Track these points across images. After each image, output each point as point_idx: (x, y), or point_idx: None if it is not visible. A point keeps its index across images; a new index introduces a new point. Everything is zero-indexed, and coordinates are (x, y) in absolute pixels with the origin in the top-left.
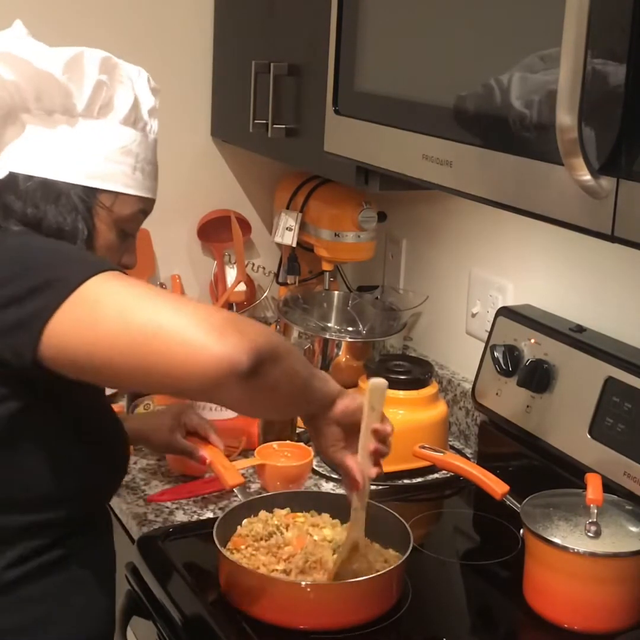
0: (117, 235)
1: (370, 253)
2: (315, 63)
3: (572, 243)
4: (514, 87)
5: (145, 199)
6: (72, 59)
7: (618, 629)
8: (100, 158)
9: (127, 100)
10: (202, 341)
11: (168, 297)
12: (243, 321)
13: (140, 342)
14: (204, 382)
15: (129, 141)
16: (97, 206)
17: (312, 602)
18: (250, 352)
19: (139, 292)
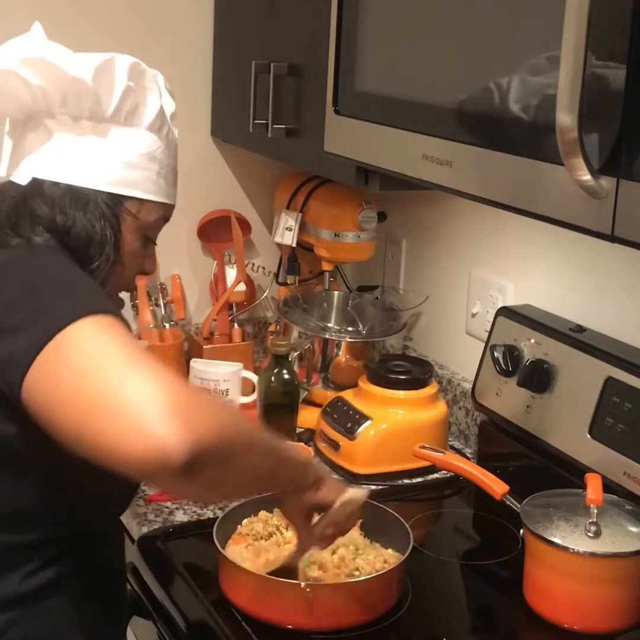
0: (141, 242)
1: (370, 253)
2: (315, 63)
3: (572, 243)
4: (514, 87)
5: (167, 205)
6: (103, 64)
7: (618, 629)
8: (127, 165)
9: (154, 107)
10: (145, 425)
11: (135, 363)
12: (207, 408)
13: (85, 409)
14: (135, 470)
15: (154, 147)
16: (123, 213)
17: (312, 603)
18: (190, 448)
19: (110, 352)
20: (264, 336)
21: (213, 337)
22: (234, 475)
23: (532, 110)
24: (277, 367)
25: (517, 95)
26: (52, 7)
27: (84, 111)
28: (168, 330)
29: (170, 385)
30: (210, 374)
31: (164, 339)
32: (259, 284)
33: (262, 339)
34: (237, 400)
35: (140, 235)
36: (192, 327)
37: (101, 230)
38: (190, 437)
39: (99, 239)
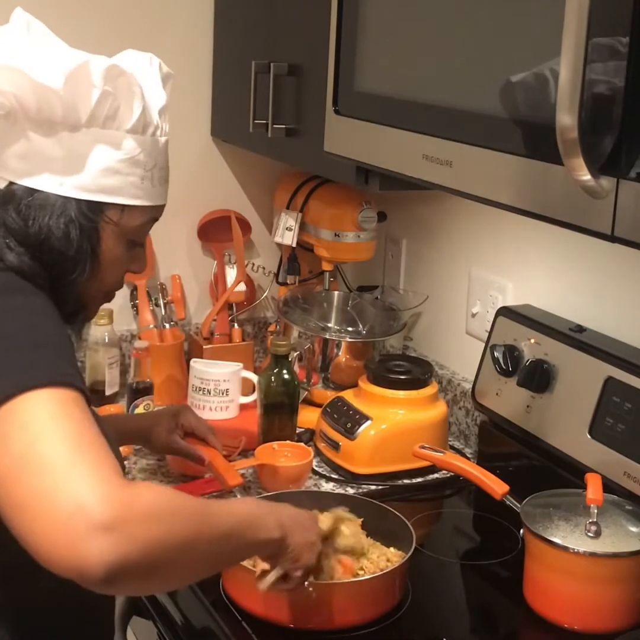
0: (125, 247)
1: (370, 253)
2: (315, 63)
3: (572, 243)
4: (514, 87)
5: (155, 206)
6: (75, 70)
7: (618, 629)
8: (107, 171)
9: (135, 109)
10: (68, 539)
11: (79, 460)
12: (143, 519)
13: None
14: (58, 573)
15: (136, 151)
16: (103, 222)
17: (314, 602)
18: (108, 569)
19: (55, 441)
20: (264, 336)
21: (213, 337)
22: (165, 577)
23: (532, 110)
24: (277, 367)
25: (517, 95)
26: (51, 6)
27: (58, 118)
28: (168, 330)
29: (108, 492)
30: (210, 374)
31: (164, 339)
32: (259, 284)
33: (262, 339)
34: (237, 400)
35: (124, 241)
36: (192, 327)
37: (77, 242)
38: (111, 557)
39: (73, 252)
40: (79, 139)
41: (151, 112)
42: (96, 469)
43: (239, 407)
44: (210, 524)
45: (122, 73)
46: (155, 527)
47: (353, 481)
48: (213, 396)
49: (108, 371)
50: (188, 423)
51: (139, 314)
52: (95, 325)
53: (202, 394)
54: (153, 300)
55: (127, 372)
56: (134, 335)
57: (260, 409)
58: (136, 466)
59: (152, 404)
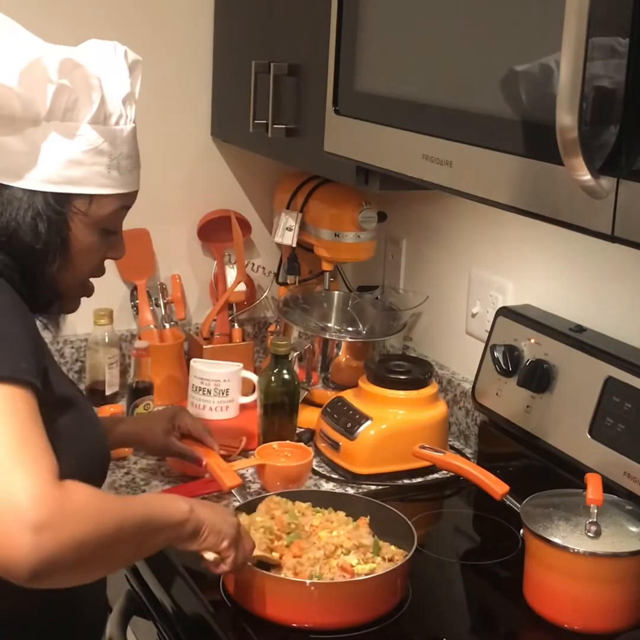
0: (98, 236)
1: (370, 253)
2: (315, 63)
3: (572, 243)
4: (514, 87)
5: (125, 194)
6: (29, 66)
7: (618, 629)
8: (71, 162)
9: (94, 101)
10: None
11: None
12: (75, 519)
13: None
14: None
15: (99, 141)
16: (71, 212)
17: (315, 601)
18: (34, 566)
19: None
20: (264, 336)
21: (213, 337)
22: (92, 570)
23: (532, 110)
24: (277, 367)
25: (517, 95)
26: (51, 5)
27: (18, 114)
28: (168, 330)
29: (41, 491)
30: (210, 374)
31: (164, 339)
32: (259, 284)
33: (262, 339)
34: (237, 400)
35: (96, 230)
36: (192, 327)
37: (45, 234)
38: (40, 555)
39: (42, 244)
40: (40, 133)
41: (113, 102)
42: (31, 468)
43: (239, 407)
44: (129, 517)
45: (77, 66)
46: (84, 525)
47: (353, 481)
48: (213, 396)
49: (108, 371)
50: (184, 424)
51: (139, 314)
52: (95, 325)
53: (202, 394)
54: (153, 300)
55: (127, 372)
56: (134, 335)
57: (260, 409)
58: (136, 466)
59: (152, 404)
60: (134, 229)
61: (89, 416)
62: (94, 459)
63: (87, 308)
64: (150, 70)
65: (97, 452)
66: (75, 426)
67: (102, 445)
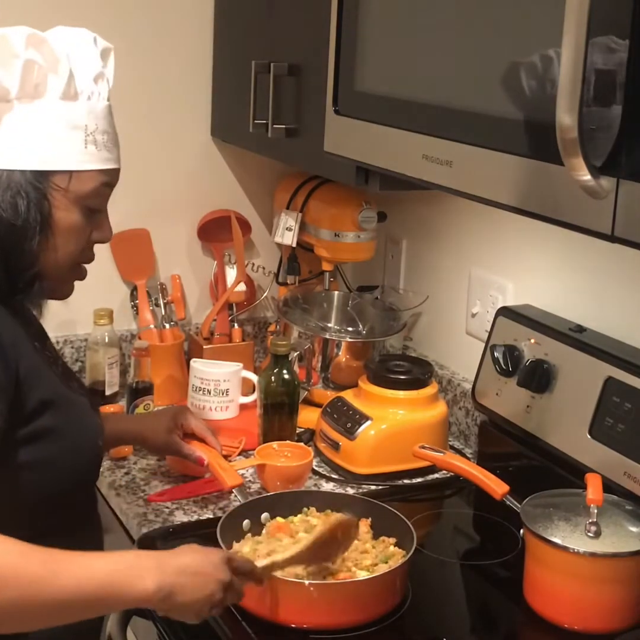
0: (82, 214)
1: (370, 253)
2: (315, 63)
3: (572, 243)
4: (514, 87)
5: (106, 170)
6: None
7: (618, 629)
8: (45, 139)
9: (62, 75)
10: None
11: None
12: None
13: None
14: None
15: (73, 115)
16: (51, 190)
17: (314, 602)
18: None
19: None
20: (264, 336)
21: (213, 337)
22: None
23: (532, 110)
24: (277, 367)
25: (517, 95)
26: (51, 5)
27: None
28: (168, 330)
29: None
30: (210, 374)
31: (164, 339)
32: (259, 284)
33: (262, 339)
34: (237, 400)
35: (79, 207)
36: (192, 327)
37: (25, 212)
38: None
39: (22, 221)
40: (12, 111)
41: (83, 78)
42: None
43: (239, 407)
44: (55, 591)
45: (42, 41)
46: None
47: (353, 481)
48: (213, 396)
49: (108, 371)
50: (188, 424)
51: (139, 314)
52: (95, 325)
53: (202, 394)
54: (153, 300)
55: (127, 372)
56: (134, 335)
57: (260, 409)
58: (136, 466)
59: (152, 404)
60: (134, 229)
61: (77, 415)
62: (80, 458)
63: (87, 308)
64: (151, 70)
65: (84, 451)
66: (59, 426)
67: (91, 444)
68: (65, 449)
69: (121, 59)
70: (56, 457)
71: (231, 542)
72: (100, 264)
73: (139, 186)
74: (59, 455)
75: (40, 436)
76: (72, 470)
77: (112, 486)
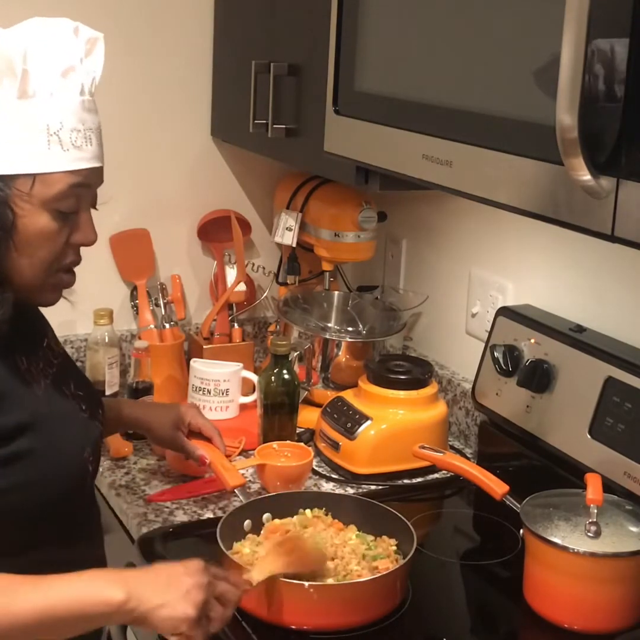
0: (52, 218)
1: (370, 253)
2: (315, 63)
3: (572, 243)
4: (513, 87)
5: (77, 171)
6: None
7: (618, 629)
8: (5, 141)
9: (17, 73)
10: None
11: None
12: None
13: None
14: None
15: (31, 115)
16: (13, 195)
17: (315, 603)
18: None
19: None
20: (264, 336)
21: (213, 337)
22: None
23: (532, 109)
24: (277, 367)
25: (517, 95)
26: (51, 5)
27: None
28: (168, 330)
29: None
30: (210, 374)
31: (164, 339)
32: (259, 284)
33: (262, 339)
34: (237, 400)
35: (47, 211)
36: (192, 327)
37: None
38: None
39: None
40: None
41: (47, 74)
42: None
43: (239, 407)
44: (11, 619)
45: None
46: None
47: (353, 481)
48: (213, 396)
49: (108, 371)
50: (195, 422)
51: (139, 314)
52: (95, 325)
53: (202, 394)
54: (153, 300)
55: (127, 372)
56: (134, 335)
57: (260, 409)
58: (136, 466)
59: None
60: (134, 229)
61: (59, 432)
62: (63, 474)
63: (87, 308)
64: (151, 71)
65: (67, 468)
66: (38, 447)
67: (75, 459)
68: (45, 469)
69: (121, 59)
70: (36, 478)
71: (231, 542)
72: (100, 264)
73: (139, 186)
74: (40, 475)
75: (18, 458)
76: (56, 486)
77: (112, 486)
